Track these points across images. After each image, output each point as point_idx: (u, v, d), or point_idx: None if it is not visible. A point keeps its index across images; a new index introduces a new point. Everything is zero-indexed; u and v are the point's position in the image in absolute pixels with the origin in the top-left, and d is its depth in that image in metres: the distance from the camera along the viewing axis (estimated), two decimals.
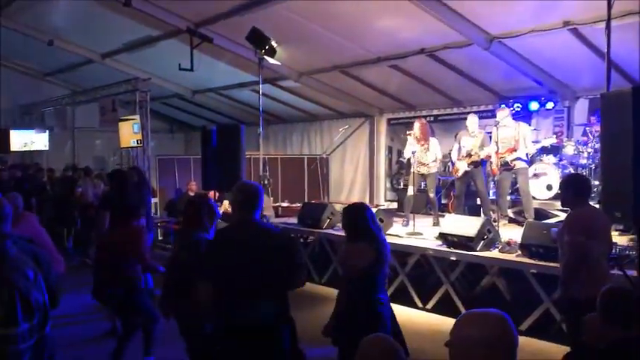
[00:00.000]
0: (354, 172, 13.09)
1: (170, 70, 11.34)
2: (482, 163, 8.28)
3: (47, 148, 15.89)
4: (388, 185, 12.43)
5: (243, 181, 5.57)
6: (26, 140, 15.66)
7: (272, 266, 3.23)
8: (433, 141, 8.56)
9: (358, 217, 3.99)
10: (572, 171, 8.30)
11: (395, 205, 11.45)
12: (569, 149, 8.69)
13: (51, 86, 16.21)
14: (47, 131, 15.75)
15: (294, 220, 9.38)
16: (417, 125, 8.51)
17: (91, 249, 10.11)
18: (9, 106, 16.09)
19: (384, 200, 12.27)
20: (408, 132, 8.69)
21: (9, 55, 15.09)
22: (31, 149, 15.84)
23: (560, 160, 8.75)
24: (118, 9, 9.36)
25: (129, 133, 11.94)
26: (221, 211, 10.32)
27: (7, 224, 3.36)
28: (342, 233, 8.11)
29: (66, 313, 6.04)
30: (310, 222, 8.66)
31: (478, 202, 8.89)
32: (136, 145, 11.88)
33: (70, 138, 17.21)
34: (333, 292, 4.13)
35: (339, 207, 9.81)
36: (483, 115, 9.63)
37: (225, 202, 11.00)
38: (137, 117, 11.67)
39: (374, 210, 7.80)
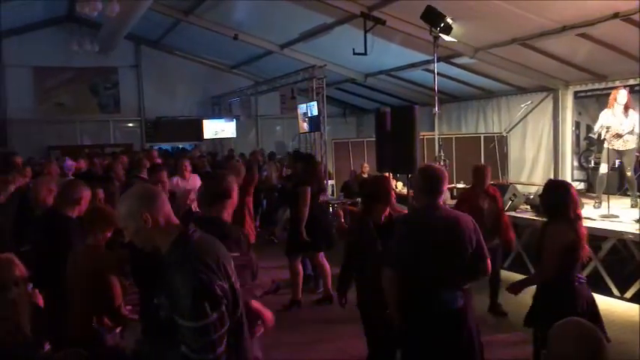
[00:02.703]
0: (536, 150, 12.29)
1: (343, 56, 11.62)
2: None
3: (234, 136, 17.31)
4: (576, 164, 11.48)
5: (427, 164, 5.46)
6: (217, 129, 17.22)
7: (461, 254, 3.22)
8: (632, 112, 7.67)
9: (560, 194, 3.73)
10: None
11: (583, 185, 10.57)
12: None
13: (236, 78, 17.66)
14: (234, 120, 17.14)
15: None
16: (621, 93, 7.68)
17: (276, 227, 10.89)
18: (202, 97, 17.99)
19: (570, 180, 11.29)
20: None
21: (200, 52, 16.73)
22: (221, 137, 17.36)
23: None
24: None
25: None
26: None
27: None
28: (525, 215, 7.81)
29: None
30: None
31: None
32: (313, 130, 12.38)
33: (254, 125, 18.68)
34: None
35: (520, 188, 9.32)
36: None
37: (399, 184, 11.04)
38: (314, 103, 12.13)
39: None
